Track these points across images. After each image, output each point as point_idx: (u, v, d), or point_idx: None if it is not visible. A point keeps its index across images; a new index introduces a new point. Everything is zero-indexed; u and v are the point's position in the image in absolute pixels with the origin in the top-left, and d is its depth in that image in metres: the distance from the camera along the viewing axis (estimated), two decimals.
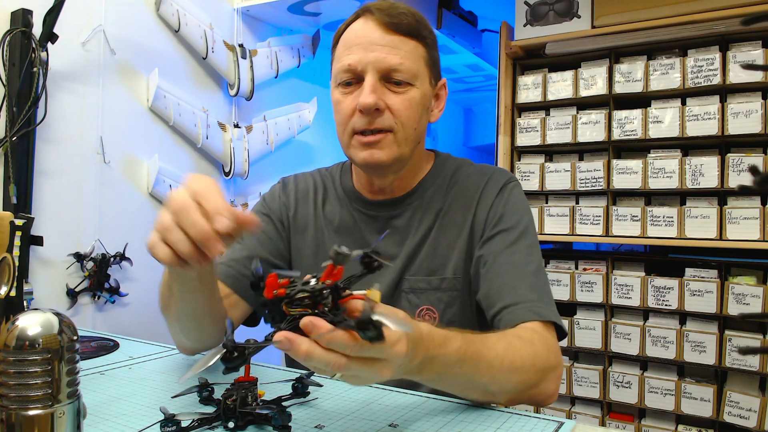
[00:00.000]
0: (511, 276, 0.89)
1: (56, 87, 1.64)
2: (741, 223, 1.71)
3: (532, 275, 0.90)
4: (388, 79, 0.89)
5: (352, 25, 0.93)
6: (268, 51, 2.32)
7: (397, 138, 0.90)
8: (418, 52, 0.92)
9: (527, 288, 0.88)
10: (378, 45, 0.88)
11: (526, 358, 0.76)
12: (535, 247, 0.94)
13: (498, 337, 0.76)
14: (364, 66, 0.88)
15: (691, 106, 1.79)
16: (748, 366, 1.67)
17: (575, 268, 1.97)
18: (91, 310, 1.75)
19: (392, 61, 0.88)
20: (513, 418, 0.71)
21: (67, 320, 0.55)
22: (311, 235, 1.03)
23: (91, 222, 1.74)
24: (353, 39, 0.90)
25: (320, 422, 0.69)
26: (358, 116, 0.89)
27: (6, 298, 0.76)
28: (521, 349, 0.76)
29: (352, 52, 0.89)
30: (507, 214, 0.95)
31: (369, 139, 0.90)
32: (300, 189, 1.07)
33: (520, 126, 2.07)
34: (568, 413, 1.97)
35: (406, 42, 0.90)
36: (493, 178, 0.99)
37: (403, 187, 1.00)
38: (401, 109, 0.89)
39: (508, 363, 0.73)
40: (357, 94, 0.89)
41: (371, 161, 0.90)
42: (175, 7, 1.97)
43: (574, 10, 1.98)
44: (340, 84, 0.92)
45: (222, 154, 2.18)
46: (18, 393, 0.52)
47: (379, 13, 0.89)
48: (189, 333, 0.86)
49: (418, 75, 0.91)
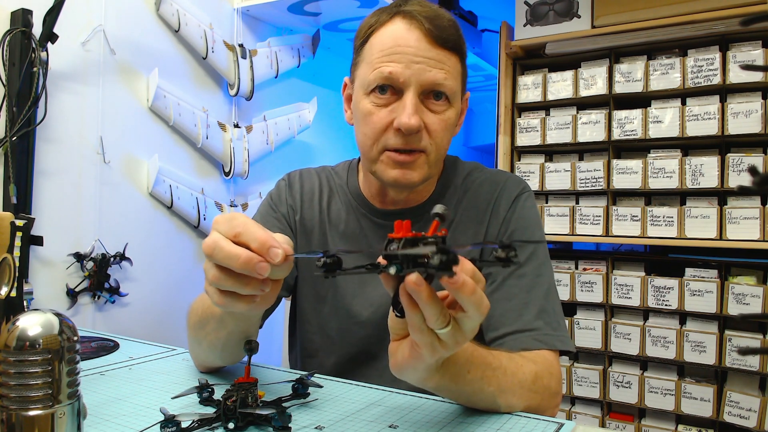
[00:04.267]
0: (517, 301, 0.86)
1: (56, 87, 1.64)
2: (741, 223, 1.71)
3: (541, 298, 0.86)
4: (427, 96, 0.83)
5: (391, 27, 0.84)
6: (268, 51, 2.32)
7: (430, 159, 0.86)
8: (458, 68, 0.86)
9: (533, 314, 0.85)
10: (424, 58, 0.81)
11: (528, 375, 0.75)
12: (546, 265, 0.91)
13: (500, 351, 0.76)
14: (407, 79, 0.81)
15: (691, 106, 1.79)
16: (748, 366, 1.68)
17: (575, 268, 1.98)
18: (91, 310, 1.75)
19: (437, 77, 0.81)
20: (513, 419, 0.71)
21: (68, 320, 0.55)
22: (316, 238, 1.00)
23: (91, 222, 1.74)
24: (396, 46, 0.82)
25: (320, 423, 0.69)
26: (393, 134, 0.83)
27: (6, 299, 0.76)
28: (523, 365, 0.76)
29: (393, 60, 0.81)
30: (519, 230, 0.92)
31: (404, 159, 0.84)
32: (306, 190, 1.03)
33: (520, 126, 2.07)
34: (568, 413, 1.97)
35: (450, 57, 0.83)
36: (505, 189, 0.95)
37: (416, 199, 0.96)
38: (438, 130, 0.84)
39: (510, 374, 0.72)
40: (393, 109, 0.83)
41: (403, 181, 0.85)
42: (175, 7, 1.97)
43: (574, 10, 1.98)
44: (372, 92, 0.84)
45: (222, 154, 2.18)
46: (18, 393, 0.52)
47: (427, 22, 0.81)
48: (226, 353, 0.81)
49: (456, 93, 0.86)
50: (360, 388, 0.83)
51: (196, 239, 2.12)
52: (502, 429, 0.68)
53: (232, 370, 0.91)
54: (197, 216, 2.07)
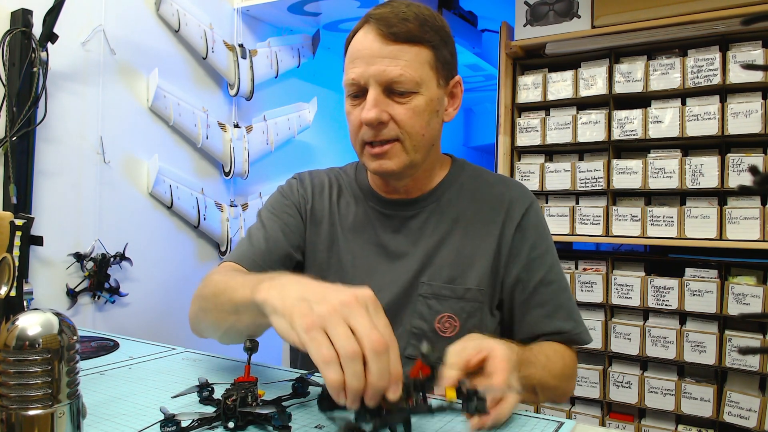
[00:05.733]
0: (549, 307, 0.97)
1: (56, 87, 1.64)
2: (741, 223, 1.71)
3: (567, 301, 0.99)
4: (391, 90, 0.89)
5: (356, 35, 0.93)
6: (268, 51, 2.32)
7: (405, 146, 0.91)
8: (421, 57, 0.90)
9: (563, 318, 0.97)
10: (378, 57, 0.88)
11: (559, 368, 0.90)
12: (560, 267, 1.02)
13: (538, 347, 0.91)
14: (366, 80, 0.89)
15: (691, 106, 1.79)
16: (748, 366, 1.67)
17: (575, 268, 1.97)
18: (91, 310, 1.75)
19: (392, 73, 0.88)
20: (513, 418, 0.71)
21: (67, 320, 0.55)
22: (326, 229, 1.04)
23: (91, 222, 1.74)
24: (356, 51, 0.91)
25: (320, 422, 0.69)
26: (365, 128, 0.90)
27: (6, 298, 0.76)
28: (556, 361, 0.91)
29: (356, 65, 0.90)
30: (539, 239, 1.00)
31: (376, 151, 0.91)
32: (316, 184, 1.08)
33: (520, 126, 2.07)
34: (568, 413, 1.97)
35: (406, 50, 0.89)
36: (517, 194, 1.02)
37: (419, 188, 1.01)
38: (405, 119, 0.90)
39: (548, 369, 0.86)
40: (363, 107, 0.90)
41: (381, 171, 0.93)
42: (175, 7, 1.97)
43: (574, 10, 1.98)
44: (348, 96, 0.93)
45: (222, 154, 2.18)
46: (18, 393, 0.52)
47: (378, 23, 0.89)
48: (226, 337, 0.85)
49: (422, 82, 0.90)
50: None
51: (196, 239, 2.12)
52: (502, 428, 0.68)
53: (232, 368, 0.91)
54: (197, 216, 2.07)
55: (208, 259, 2.15)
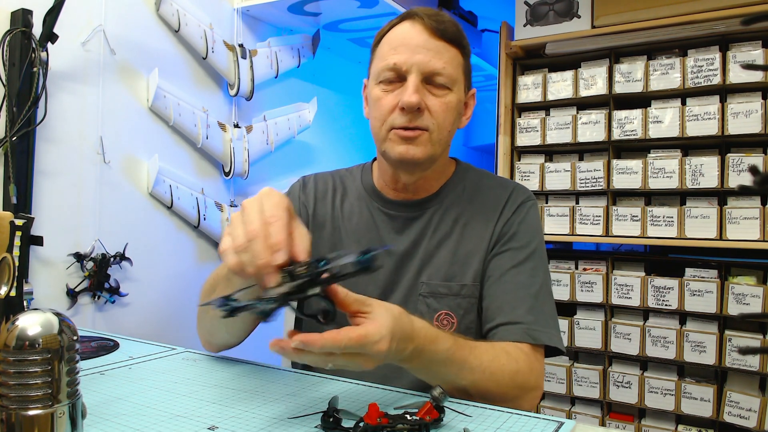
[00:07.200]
0: (512, 295, 0.94)
1: (56, 87, 1.64)
2: (741, 223, 1.71)
3: (532, 297, 0.94)
4: (429, 82, 0.93)
5: (399, 26, 0.96)
6: (268, 51, 2.32)
7: (432, 138, 0.94)
8: (458, 60, 0.96)
9: (526, 309, 0.92)
10: (424, 48, 0.92)
11: (507, 374, 0.83)
12: (542, 269, 0.98)
13: (486, 347, 0.84)
14: (409, 66, 0.92)
15: (691, 106, 1.79)
16: (748, 366, 1.68)
17: (575, 268, 1.97)
18: (91, 310, 1.75)
19: (436, 65, 0.92)
20: (513, 418, 0.71)
21: (67, 320, 0.55)
22: (328, 233, 1.05)
23: (91, 222, 1.74)
24: (399, 40, 0.94)
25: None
26: (399, 113, 0.93)
27: (6, 298, 0.76)
28: (505, 364, 0.84)
29: (398, 52, 0.92)
30: (520, 232, 0.99)
31: (408, 134, 0.93)
32: (319, 189, 1.10)
33: (520, 126, 2.07)
34: (568, 413, 1.97)
35: (449, 49, 0.94)
36: (514, 194, 1.03)
37: (426, 188, 1.03)
38: (439, 111, 0.93)
39: (489, 373, 0.81)
40: (398, 93, 0.93)
41: (407, 156, 0.94)
42: (175, 7, 1.97)
43: (574, 10, 1.98)
44: (381, 81, 0.95)
45: (222, 154, 2.18)
46: (18, 393, 0.52)
47: (428, 19, 0.93)
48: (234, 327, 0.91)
49: (456, 81, 0.95)
50: (358, 387, 0.84)
51: (196, 239, 2.12)
52: (501, 428, 0.68)
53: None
54: (197, 216, 2.07)
55: (208, 259, 2.15)
